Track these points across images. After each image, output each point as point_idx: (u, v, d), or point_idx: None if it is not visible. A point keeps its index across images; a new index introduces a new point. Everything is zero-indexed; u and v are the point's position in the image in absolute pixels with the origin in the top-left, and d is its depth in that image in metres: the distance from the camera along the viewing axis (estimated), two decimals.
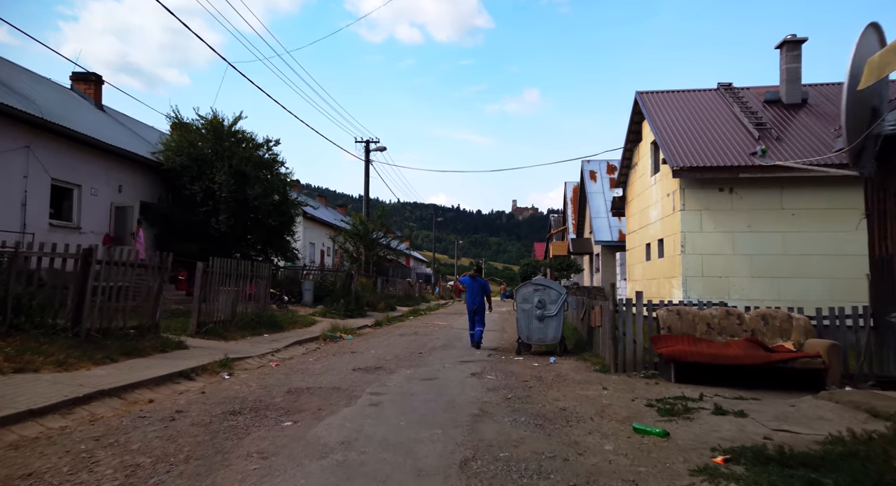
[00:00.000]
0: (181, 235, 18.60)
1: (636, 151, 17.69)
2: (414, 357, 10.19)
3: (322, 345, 12.07)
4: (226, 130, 19.39)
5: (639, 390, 7.05)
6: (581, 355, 10.59)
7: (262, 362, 9.21)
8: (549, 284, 11.23)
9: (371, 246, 25.45)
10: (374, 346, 12.02)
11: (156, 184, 18.61)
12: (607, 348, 8.91)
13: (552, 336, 10.94)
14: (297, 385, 7.00)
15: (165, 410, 5.55)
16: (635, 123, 17.17)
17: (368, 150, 26.24)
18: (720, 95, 16.29)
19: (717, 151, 13.40)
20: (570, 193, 38.85)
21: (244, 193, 18.66)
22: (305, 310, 18.80)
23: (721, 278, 13.17)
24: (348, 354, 10.57)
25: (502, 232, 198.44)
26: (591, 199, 26.79)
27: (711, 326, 8.04)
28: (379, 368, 8.72)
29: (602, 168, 28.26)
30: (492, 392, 6.82)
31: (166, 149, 18.64)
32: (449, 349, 11.71)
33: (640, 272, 17.09)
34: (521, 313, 11.17)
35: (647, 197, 16.29)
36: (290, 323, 14.60)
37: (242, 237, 19.40)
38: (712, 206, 13.33)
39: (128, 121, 21.30)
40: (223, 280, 11.94)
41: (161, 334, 9.64)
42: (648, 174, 16.16)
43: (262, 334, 12.38)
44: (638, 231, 17.45)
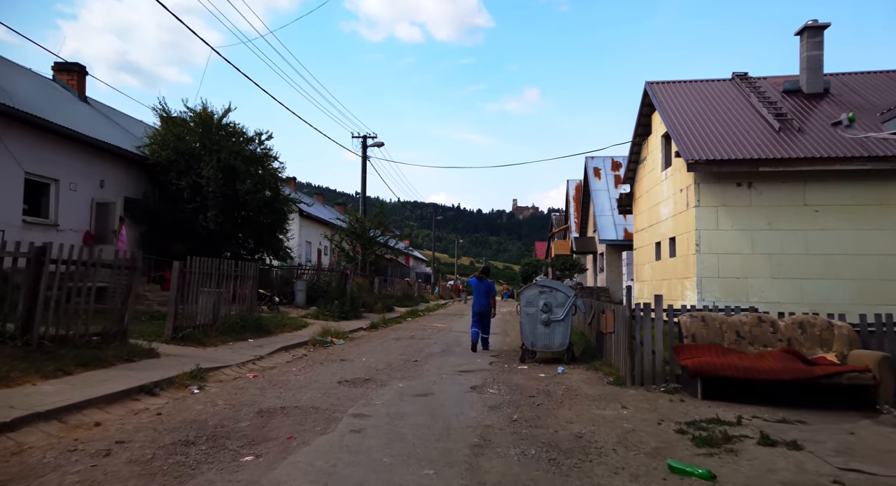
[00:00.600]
0: (168, 234, 17.69)
1: (645, 146, 16.76)
2: (408, 366, 9.27)
3: (310, 351, 11.15)
4: (215, 122, 18.47)
5: (663, 408, 6.12)
6: (591, 363, 9.66)
7: (240, 373, 8.29)
8: (556, 285, 10.31)
9: (368, 245, 24.52)
10: (366, 352, 11.10)
11: (141, 179, 17.69)
12: (622, 357, 7.99)
13: (559, 343, 10.02)
14: (271, 404, 6.07)
15: (105, 439, 4.62)
16: (644, 116, 16.23)
17: (366, 145, 25.31)
18: (735, 85, 15.35)
19: (734, 143, 12.47)
20: (573, 191, 37.94)
21: (234, 188, 17.74)
22: (297, 312, 17.88)
23: (739, 279, 12.25)
24: (337, 362, 9.65)
25: (503, 231, 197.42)
26: (595, 196, 25.85)
27: (741, 334, 7.11)
28: (368, 380, 7.80)
29: (606, 165, 27.33)
30: (495, 412, 5.90)
31: (152, 142, 17.72)
32: (447, 356, 10.79)
33: (650, 273, 16.16)
34: (525, 317, 10.25)
35: (658, 193, 15.36)
36: (278, 326, 13.69)
37: (233, 235, 18.48)
38: (729, 202, 12.40)
39: (113, 114, 20.38)
40: (204, 281, 11.02)
41: (129, 340, 8.71)
42: (659, 169, 15.23)
43: (246, 340, 11.46)
44: (647, 229, 16.52)
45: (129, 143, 17.66)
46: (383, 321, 18.51)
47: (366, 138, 25.32)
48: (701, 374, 6.51)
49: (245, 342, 11.15)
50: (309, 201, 23.83)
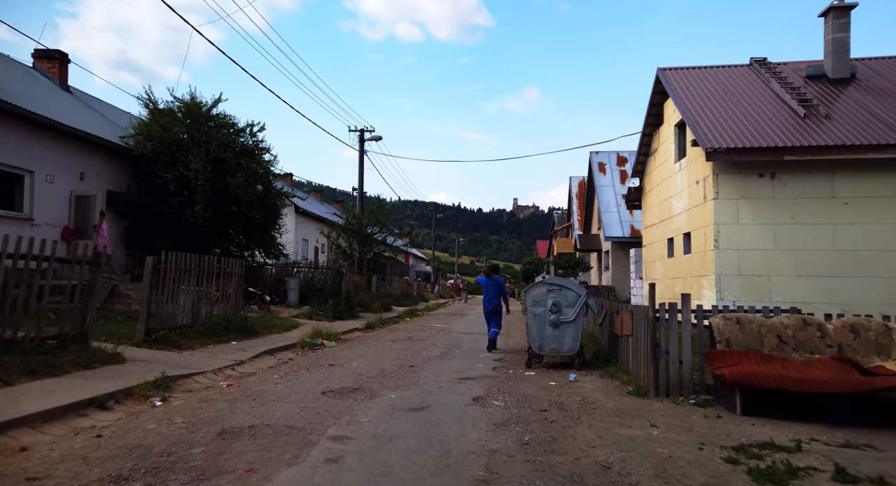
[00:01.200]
0: (153, 229, 16.76)
1: (656, 137, 15.82)
2: (403, 372, 8.33)
3: (297, 355, 10.21)
4: (204, 113, 17.54)
5: (700, 427, 5.18)
6: (605, 369, 8.73)
7: (214, 381, 7.35)
8: (566, 283, 9.37)
9: (365, 242, 23.59)
10: (358, 356, 10.17)
11: (125, 172, 16.76)
12: (642, 364, 7.06)
13: (569, 346, 9.08)
14: (238, 422, 5.14)
15: (17, 474, 3.69)
16: (655, 105, 15.29)
17: (363, 139, 24.37)
18: (754, 71, 14.41)
19: (755, 131, 11.53)
20: (576, 188, 37.02)
21: (223, 182, 16.82)
22: (289, 311, 16.95)
23: (760, 276, 11.31)
24: (325, 367, 8.71)
25: (503, 230, 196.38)
26: (600, 192, 24.92)
27: (784, 339, 6.17)
28: (356, 390, 6.86)
29: (612, 160, 26.39)
30: (502, 432, 4.97)
31: (137, 133, 16.79)
32: (447, 360, 9.85)
33: (661, 270, 15.22)
34: (531, 317, 9.31)
35: (670, 186, 14.42)
36: (266, 327, 12.75)
37: (222, 231, 17.55)
38: (750, 194, 11.46)
39: (97, 104, 19.43)
40: (182, 278, 10.09)
41: (91, 344, 7.78)
42: (672, 161, 14.29)
43: (228, 342, 10.52)
44: (658, 225, 15.58)
45: (113, 133, 16.73)
46: (380, 321, 17.58)
47: (363, 132, 24.38)
48: (740, 385, 5.57)
49: (227, 345, 10.22)
50: (303, 196, 22.90)
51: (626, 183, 25.65)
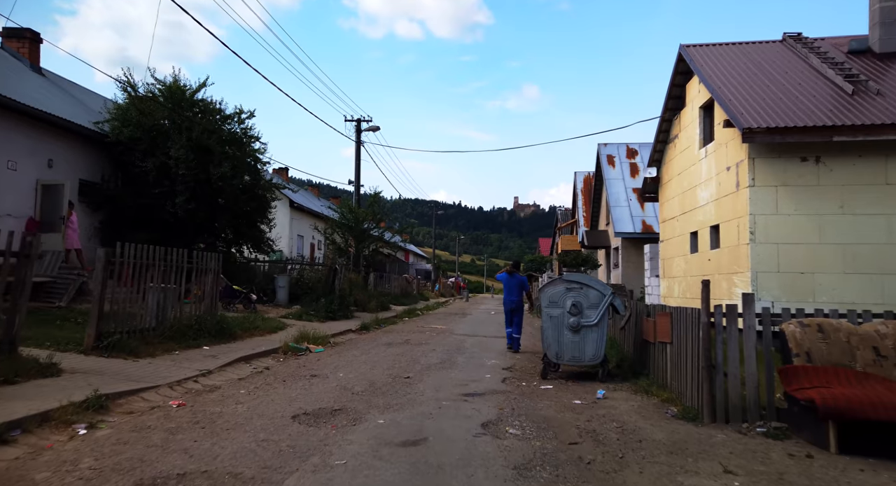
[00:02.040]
0: (131, 222, 15.40)
1: (676, 122, 14.44)
2: (397, 386, 6.97)
3: (277, 362, 8.85)
4: (187, 97, 16.17)
5: (792, 475, 3.81)
6: (635, 382, 7.37)
7: (165, 398, 5.99)
8: (588, 281, 7.99)
9: (362, 238, 22.22)
10: (347, 363, 8.80)
11: (100, 160, 15.39)
12: (688, 380, 5.70)
13: (591, 354, 7.71)
14: (165, 467, 3.77)
15: None
16: (677, 87, 13.90)
17: (359, 129, 22.98)
18: (788, 47, 13.01)
19: (797, 109, 10.15)
20: (581, 184, 35.62)
21: (206, 171, 15.44)
22: (277, 311, 15.59)
23: (803, 274, 9.94)
24: (305, 379, 7.35)
25: (504, 229, 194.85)
26: (609, 186, 23.56)
27: (882, 352, 4.80)
28: (337, 411, 5.50)
29: (621, 152, 25.02)
30: (525, 480, 3.61)
31: (112, 118, 15.42)
32: (448, 369, 8.49)
33: (682, 268, 13.85)
34: (547, 320, 7.95)
35: (694, 175, 13.05)
36: (248, 330, 11.39)
37: (206, 225, 16.17)
38: (792, 180, 10.08)
39: (72, 88, 18.05)
40: (144, 273, 8.73)
41: (21, 352, 6.43)
42: (696, 146, 12.91)
43: (200, 347, 9.17)
44: (678, 218, 14.20)
45: (88, 119, 15.35)
46: (376, 322, 16.23)
47: (359, 121, 22.99)
48: (837, 414, 4.21)
49: (197, 351, 8.86)
50: (294, 188, 21.51)
51: (637, 176, 24.27)
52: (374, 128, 23.10)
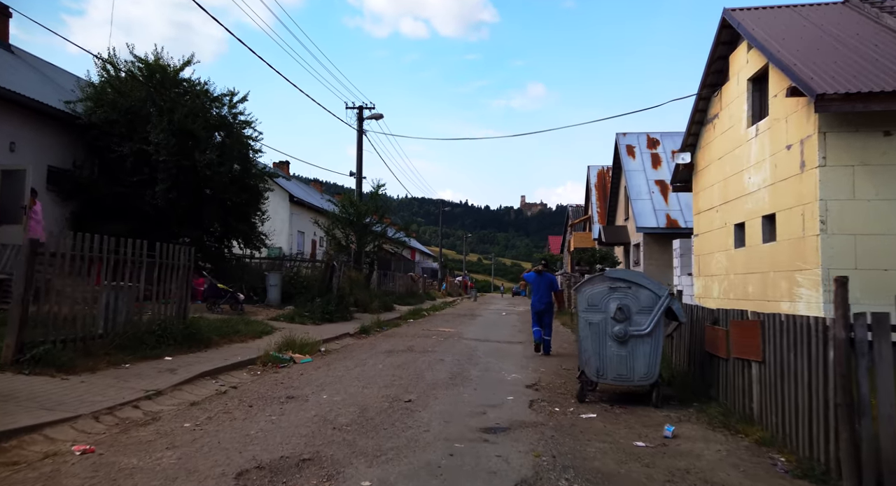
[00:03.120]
0: (106, 213, 13.86)
1: (716, 100, 12.69)
2: (394, 415, 5.31)
3: (250, 378, 7.21)
4: (170, 75, 14.59)
5: None
6: (700, 407, 5.69)
7: (77, 436, 4.37)
8: (638, 279, 6.29)
9: (363, 233, 20.57)
10: (335, 379, 7.14)
11: (71, 144, 13.83)
12: (799, 418, 4.02)
13: (643, 373, 6.01)
14: None
15: None
16: (719, 59, 12.14)
17: (361, 117, 21.33)
18: (852, 8, 11.22)
19: (880, 73, 8.39)
20: (594, 178, 33.87)
21: (190, 157, 13.86)
22: (267, 312, 13.97)
23: (887, 271, 8.20)
24: (277, 403, 5.70)
25: (511, 228, 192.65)
26: (629, 178, 21.80)
27: None
28: (306, 463, 3.83)
29: (641, 142, 23.25)
30: None
31: (85, 98, 13.86)
32: (459, 387, 6.82)
33: (723, 265, 12.11)
34: (585, 328, 6.26)
35: (740, 158, 11.30)
36: (226, 335, 9.78)
37: (191, 217, 14.57)
38: (873, 159, 8.34)
39: (44, 66, 16.49)
40: (87, 269, 7.12)
41: None
42: (742, 125, 11.16)
43: (161, 357, 7.55)
44: (719, 208, 12.45)
45: (59, 98, 13.79)
46: (377, 324, 14.59)
47: (362, 108, 21.33)
48: None
49: (155, 363, 7.25)
50: (287, 177, 19.81)
51: (659, 167, 22.50)
52: (377, 116, 21.46)
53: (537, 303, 10.36)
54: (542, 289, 10.44)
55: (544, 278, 10.55)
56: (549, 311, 10.30)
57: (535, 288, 10.57)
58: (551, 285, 10.51)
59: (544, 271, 10.75)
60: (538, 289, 10.50)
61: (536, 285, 10.56)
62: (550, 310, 10.34)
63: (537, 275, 10.65)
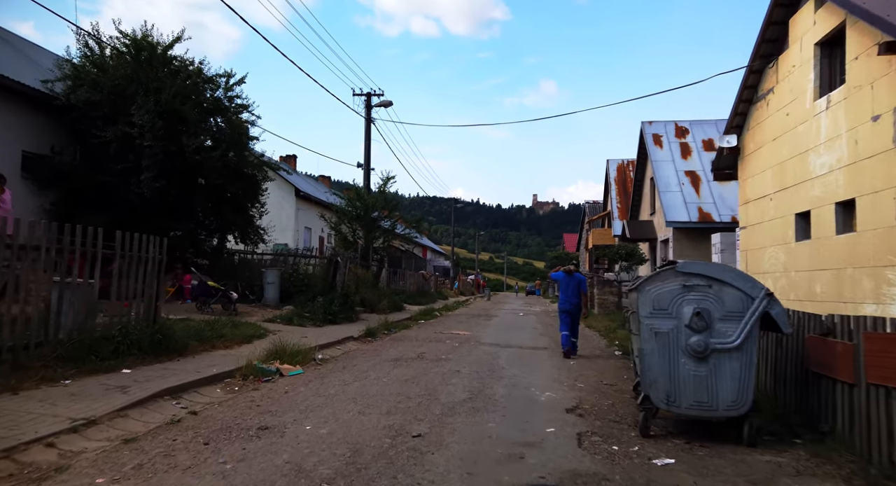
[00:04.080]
0: (89, 203, 12.57)
1: (770, 72, 11.05)
2: (397, 460, 3.82)
3: (222, 397, 5.76)
4: (159, 53, 13.24)
5: None
6: (815, 449, 4.14)
7: None
8: (721, 273, 4.72)
9: (371, 228, 19.13)
10: (324, 401, 5.66)
11: (49, 127, 12.52)
12: None
13: (732, 399, 4.47)
14: None
15: None
16: (774, 25, 10.51)
17: (370, 105, 19.90)
18: None
19: None
20: (614, 172, 32.24)
21: (178, 142, 12.49)
22: (263, 313, 12.56)
23: None
24: (241, 439, 4.24)
25: (522, 227, 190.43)
26: (656, 169, 20.14)
27: None
28: None
29: (669, 131, 21.57)
30: None
31: (64, 76, 12.54)
32: (483, 413, 5.31)
33: (781, 260, 10.48)
34: (650, 339, 4.72)
35: (804, 136, 9.68)
36: (207, 340, 8.36)
37: (181, 208, 13.22)
38: None
39: (19, 42, 15.20)
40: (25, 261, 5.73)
41: None
42: (808, 98, 9.53)
43: (117, 371, 6.15)
44: (774, 196, 10.82)
45: (36, 77, 12.48)
46: (385, 326, 13.15)
47: (370, 95, 19.89)
48: None
49: (107, 378, 5.84)
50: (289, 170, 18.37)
51: (689, 158, 20.80)
52: (386, 103, 20.00)
53: (565, 303, 10.05)
54: (571, 289, 10.15)
55: (573, 278, 10.24)
56: (577, 312, 10.01)
57: (564, 288, 10.25)
58: (579, 285, 10.24)
59: (573, 271, 10.46)
60: (566, 289, 10.19)
61: (565, 285, 10.23)
62: (578, 311, 10.06)
63: (566, 275, 10.32)
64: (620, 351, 10.17)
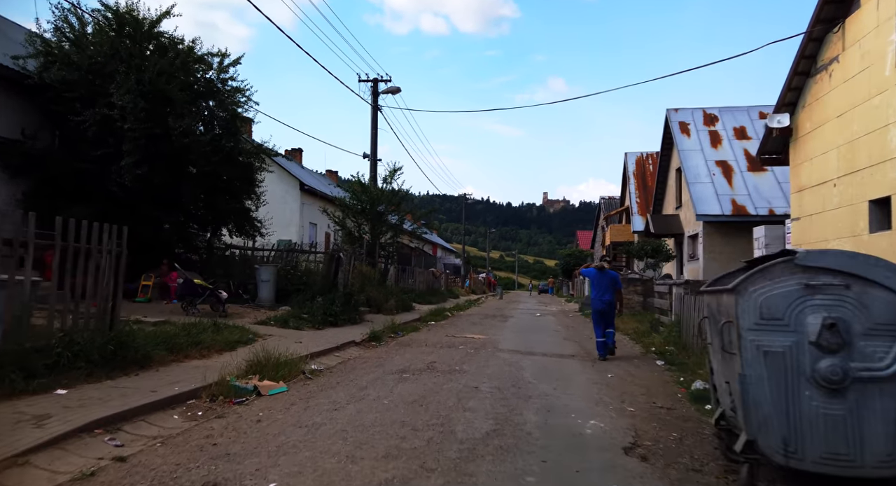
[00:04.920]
0: (67, 192, 11.34)
1: (833, 39, 9.54)
2: None
3: (173, 431, 4.41)
4: (144, 29, 11.97)
5: None
6: None
7: None
8: (864, 269, 3.28)
9: (377, 223, 17.78)
10: (303, 437, 4.29)
11: (20, 109, 11.30)
12: None
13: (886, 451, 3.03)
14: None
15: None
16: None
17: (376, 91, 18.53)
18: None
19: None
20: (632, 165, 30.69)
21: (164, 124, 11.23)
22: (256, 314, 11.25)
23: None
24: None
25: (533, 225, 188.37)
26: (685, 159, 18.59)
27: None
28: None
29: (697, 118, 19.99)
30: None
31: (38, 53, 11.30)
32: (513, 454, 3.93)
33: None
34: (755, 361, 3.29)
35: (881, 110, 8.17)
36: (180, 349, 7.04)
37: (168, 197, 11.96)
38: None
39: None
40: None
41: None
42: (888, 64, 8.02)
43: (47, 391, 4.86)
44: (838, 181, 9.32)
45: (6, 53, 11.25)
46: (391, 329, 11.82)
47: (377, 81, 18.53)
48: None
49: (30, 401, 4.56)
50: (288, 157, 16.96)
51: (719, 147, 19.22)
52: (393, 89, 18.64)
53: (598, 302, 9.35)
54: (604, 286, 9.44)
55: (606, 274, 9.51)
56: (611, 311, 9.41)
57: (596, 285, 9.56)
58: (614, 282, 9.56)
59: (606, 267, 9.79)
60: (599, 286, 9.48)
61: (597, 282, 9.53)
62: (612, 310, 9.46)
63: (598, 272, 9.62)
64: (662, 360, 8.74)
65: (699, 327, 5.89)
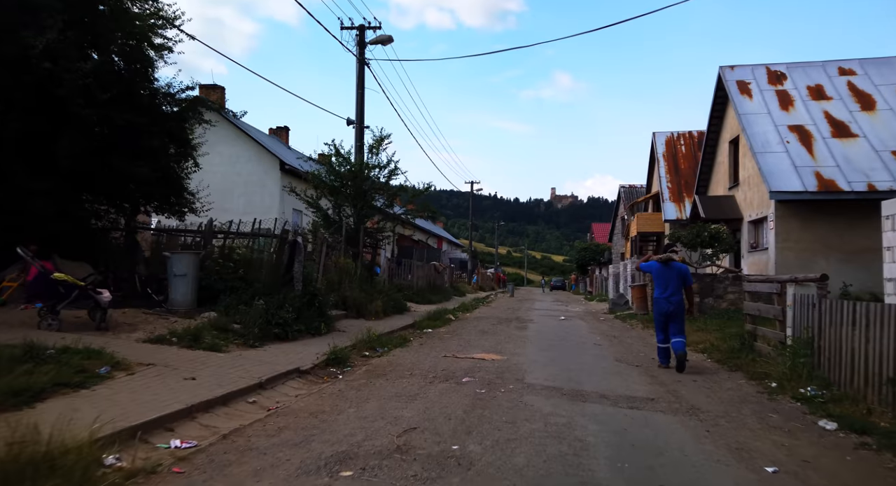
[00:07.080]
0: None
1: None
2: None
3: None
4: None
5: None
6: None
7: None
8: None
9: (361, 202, 13.90)
10: None
11: None
12: None
13: None
14: None
15: None
16: None
17: (363, 41, 14.65)
18: None
19: None
20: (662, 147, 26.63)
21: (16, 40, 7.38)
22: (161, 323, 7.36)
23: None
24: None
25: (541, 220, 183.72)
26: (748, 124, 14.54)
27: None
28: None
29: (759, 76, 15.94)
30: None
31: None
32: None
33: None
34: None
35: None
36: None
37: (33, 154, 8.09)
38: None
39: None
40: None
41: None
42: None
43: None
44: None
45: None
46: (367, 343, 8.06)
47: (363, 28, 14.63)
48: None
49: None
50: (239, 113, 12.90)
51: (790, 109, 15.16)
52: (383, 39, 14.72)
53: (664, 302, 7.52)
54: (672, 283, 7.55)
55: (673, 269, 7.59)
56: (680, 313, 7.60)
57: (661, 282, 7.66)
58: (684, 277, 7.67)
59: (672, 260, 7.70)
60: (665, 283, 7.59)
61: (662, 278, 7.64)
62: (682, 311, 7.66)
63: (662, 265, 7.68)
64: (828, 419, 4.78)
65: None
